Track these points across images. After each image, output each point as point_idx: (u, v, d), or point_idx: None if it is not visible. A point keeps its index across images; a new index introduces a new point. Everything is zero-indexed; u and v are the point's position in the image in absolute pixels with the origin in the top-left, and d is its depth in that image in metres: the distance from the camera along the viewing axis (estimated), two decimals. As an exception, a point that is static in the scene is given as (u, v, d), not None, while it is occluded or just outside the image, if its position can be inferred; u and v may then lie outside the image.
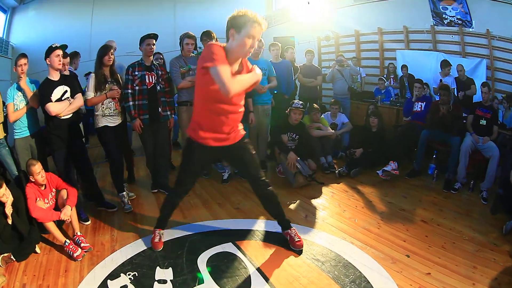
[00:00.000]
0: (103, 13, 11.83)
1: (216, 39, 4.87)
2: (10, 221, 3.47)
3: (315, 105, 5.66)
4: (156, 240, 3.27)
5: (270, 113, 5.18)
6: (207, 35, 4.81)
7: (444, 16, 7.20)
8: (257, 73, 2.68)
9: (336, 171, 5.06)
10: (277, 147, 5.02)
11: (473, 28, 6.90)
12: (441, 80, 6.24)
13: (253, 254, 3.08)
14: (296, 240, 3.13)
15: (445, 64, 6.36)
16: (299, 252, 3.09)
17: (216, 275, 2.82)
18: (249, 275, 2.86)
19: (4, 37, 11.11)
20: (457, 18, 7.03)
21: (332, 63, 7.28)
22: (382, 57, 8.62)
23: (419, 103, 5.60)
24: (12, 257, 3.45)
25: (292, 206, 4.13)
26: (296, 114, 4.91)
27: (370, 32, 8.72)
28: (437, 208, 3.95)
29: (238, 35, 2.50)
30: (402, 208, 3.96)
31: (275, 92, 5.43)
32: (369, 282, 2.69)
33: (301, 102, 5.03)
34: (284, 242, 3.24)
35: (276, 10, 12.76)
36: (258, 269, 2.94)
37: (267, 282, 2.78)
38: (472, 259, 2.89)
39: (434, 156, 4.98)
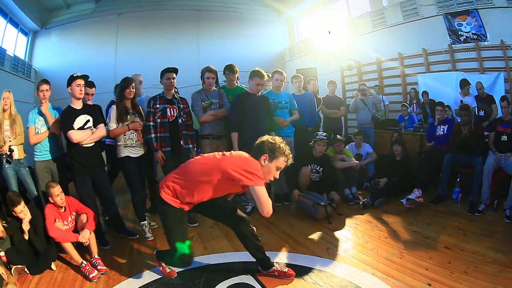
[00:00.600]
0: (127, 43, 12.25)
1: (237, 72, 5.03)
2: (26, 237, 3.69)
3: (339, 136, 5.72)
4: (167, 270, 3.32)
5: (293, 145, 5.20)
6: (229, 69, 4.97)
7: (460, 33, 7.34)
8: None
9: (360, 202, 5.07)
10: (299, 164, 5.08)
11: (488, 41, 7.01)
12: (461, 101, 6.21)
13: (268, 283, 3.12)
14: (285, 270, 3.19)
15: (464, 83, 6.38)
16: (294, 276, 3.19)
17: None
18: None
19: (26, 60, 11.46)
20: (472, 33, 7.16)
21: (354, 93, 7.32)
22: (404, 83, 8.70)
23: (442, 126, 5.58)
24: (26, 269, 3.65)
25: (315, 238, 4.16)
26: (320, 145, 5.02)
27: (391, 58, 8.84)
28: (461, 232, 3.94)
29: (269, 162, 2.79)
30: (426, 236, 3.96)
31: (298, 124, 5.43)
32: None
33: (325, 134, 5.12)
34: (304, 275, 3.27)
35: (298, 41, 13.07)
36: None
37: None
38: (494, 280, 2.87)
39: (458, 179, 4.92)
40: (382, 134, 7.22)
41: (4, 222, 3.80)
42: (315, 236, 4.23)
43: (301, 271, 3.35)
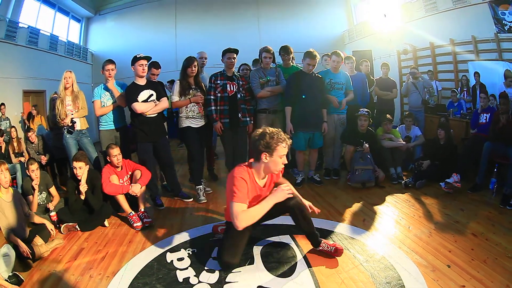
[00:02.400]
0: (187, 25, 13.15)
1: (292, 53, 5.58)
2: (83, 197, 4.39)
3: (388, 116, 6.04)
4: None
5: (346, 122, 5.73)
6: (284, 50, 5.55)
7: (504, 22, 7.36)
8: (278, 195, 3.13)
9: (403, 182, 5.39)
10: (345, 141, 5.60)
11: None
12: (504, 91, 6.13)
13: (305, 246, 3.52)
14: (334, 249, 3.38)
15: (507, 74, 6.50)
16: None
17: (266, 259, 3.32)
18: (296, 263, 3.31)
19: (82, 44, 12.51)
20: None
21: (406, 76, 7.69)
22: (456, 69, 8.86)
23: (484, 114, 5.71)
24: (77, 226, 4.33)
25: (354, 210, 4.61)
26: (362, 120, 5.44)
27: (444, 44, 9.01)
28: (490, 223, 4.02)
29: (270, 157, 3.05)
30: (456, 220, 4.13)
31: (350, 103, 5.85)
32: (403, 286, 2.92)
33: (366, 110, 5.51)
34: (338, 241, 3.70)
35: (357, 23, 13.40)
36: (305, 258, 3.38)
37: (309, 270, 3.19)
38: (509, 278, 2.90)
39: (495, 170, 4.91)
40: (432, 118, 7.46)
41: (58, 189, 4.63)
42: (355, 208, 4.68)
43: (336, 237, 3.82)
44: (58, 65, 10.77)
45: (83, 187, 4.35)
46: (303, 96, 5.16)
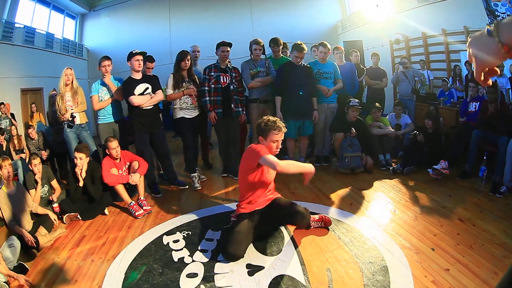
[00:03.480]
0: (181, 19, 13.42)
1: (281, 44, 5.87)
2: (81, 184, 4.73)
3: (377, 104, 6.31)
4: None
5: (336, 111, 6.02)
6: (274, 42, 5.85)
7: (496, 13, 7.42)
8: (309, 167, 3.55)
9: (391, 168, 5.62)
10: (334, 129, 5.87)
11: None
12: (495, 81, 6.17)
13: (292, 228, 3.82)
14: (323, 223, 3.81)
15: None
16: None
17: (256, 239, 3.57)
18: (283, 243, 3.57)
19: (77, 41, 12.80)
20: (507, 15, 7.20)
21: (396, 66, 7.96)
22: (449, 59, 9.03)
23: (474, 103, 5.90)
24: (78, 216, 4.62)
25: (342, 194, 4.87)
26: (353, 111, 5.69)
27: (436, 34, 9.20)
28: (478, 209, 4.09)
29: (265, 141, 3.53)
30: (443, 206, 4.24)
31: (339, 92, 6.15)
32: (386, 266, 3.05)
33: (357, 101, 5.77)
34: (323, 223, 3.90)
35: (350, 14, 13.60)
36: (292, 238, 3.63)
37: (295, 249, 3.44)
38: (496, 264, 2.92)
39: (485, 158, 5.00)
40: (422, 107, 7.63)
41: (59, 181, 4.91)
42: (343, 192, 4.95)
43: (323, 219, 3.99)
44: (54, 62, 11.07)
45: (82, 173, 4.70)
46: (300, 93, 5.47)
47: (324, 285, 2.90)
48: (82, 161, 4.69)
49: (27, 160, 6.02)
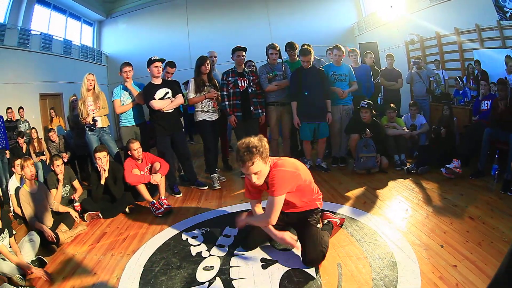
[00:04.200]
0: (198, 24, 13.67)
1: (297, 48, 6.06)
2: (103, 182, 4.98)
3: (392, 105, 6.46)
4: None
5: (351, 112, 6.20)
6: (289, 46, 6.06)
7: (505, 9, 7.44)
8: (280, 237, 3.29)
9: (405, 168, 5.71)
10: (350, 130, 6.00)
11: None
12: (505, 78, 6.27)
13: None
14: (337, 222, 3.85)
15: (507, 61, 6.73)
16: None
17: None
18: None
19: (95, 47, 13.17)
20: None
21: (410, 66, 8.10)
22: (462, 58, 9.08)
23: (486, 101, 5.93)
24: (99, 214, 4.89)
25: (356, 193, 5.03)
26: (363, 112, 5.85)
27: (449, 33, 9.28)
28: (489, 207, 4.11)
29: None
30: (455, 204, 4.28)
31: (355, 94, 6.33)
32: (395, 262, 3.16)
33: (366, 101, 5.90)
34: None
35: (365, 15, 13.77)
36: None
37: None
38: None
39: (497, 156, 4.88)
40: (437, 107, 7.67)
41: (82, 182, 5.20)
42: (358, 192, 5.09)
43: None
44: (73, 68, 11.44)
45: (104, 173, 4.96)
46: (305, 93, 5.63)
47: (334, 278, 3.04)
48: (105, 159, 4.96)
49: (47, 162, 6.42)
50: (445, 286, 2.74)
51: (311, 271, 3.19)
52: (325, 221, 3.84)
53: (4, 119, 6.61)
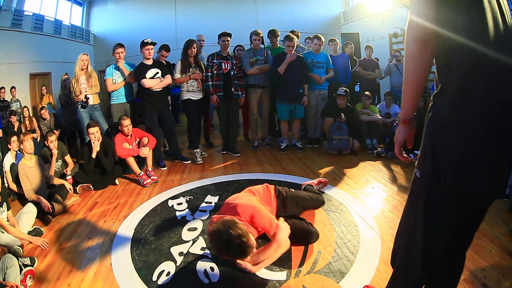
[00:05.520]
0: (186, 6, 13.97)
1: (279, 36, 6.73)
2: (94, 155, 5.45)
3: (367, 93, 6.99)
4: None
5: (326, 97, 6.81)
6: (272, 34, 6.75)
7: None
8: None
9: (375, 151, 6.29)
10: (325, 114, 6.59)
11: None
12: None
13: None
14: (318, 183, 4.49)
15: None
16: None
17: None
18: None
19: (84, 27, 13.58)
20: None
21: (388, 58, 8.67)
22: None
23: None
24: (91, 186, 5.35)
25: (327, 171, 5.57)
26: (340, 99, 6.44)
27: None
28: None
29: None
30: None
31: (333, 81, 6.93)
32: (358, 229, 3.64)
33: (343, 89, 6.46)
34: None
35: (352, 6, 14.18)
36: None
37: None
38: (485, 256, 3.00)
39: None
40: None
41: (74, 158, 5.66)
42: (328, 169, 5.63)
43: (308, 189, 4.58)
44: (62, 48, 11.81)
45: (96, 146, 5.43)
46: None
47: None
48: (98, 134, 5.44)
49: (38, 140, 6.85)
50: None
51: None
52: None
53: None
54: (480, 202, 1.77)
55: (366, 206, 4.22)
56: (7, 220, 3.88)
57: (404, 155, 1.94)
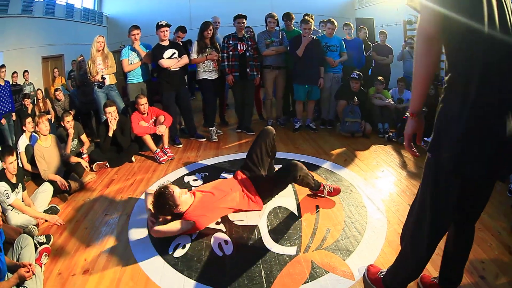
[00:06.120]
0: None
1: (294, 19, 6.88)
2: (111, 134, 5.58)
3: (380, 78, 7.12)
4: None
5: (340, 80, 6.99)
6: (286, 17, 6.90)
7: None
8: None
9: (386, 136, 6.34)
10: (339, 97, 6.80)
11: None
12: None
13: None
14: (330, 190, 4.13)
15: None
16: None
17: None
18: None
19: (96, 9, 13.73)
20: None
21: (402, 44, 8.78)
22: None
23: None
24: (107, 164, 5.53)
25: (338, 152, 5.74)
26: (353, 83, 6.61)
27: None
28: None
29: None
30: None
31: (346, 65, 7.07)
32: (366, 210, 3.81)
33: (357, 73, 6.62)
34: (320, 172, 4.85)
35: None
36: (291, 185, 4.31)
37: (293, 190, 4.31)
38: (484, 247, 3.09)
39: None
40: None
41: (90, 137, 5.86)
42: (340, 151, 5.80)
43: (320, 170, 4.95)
44: (75, 30, 11.93)
45: (113, 125, 5.57)
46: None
47: (312, 217, 3.75)
48: (114, 113, 5.59)
49: (52, 121, 7.06)
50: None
51: (294, 209, 3.93)
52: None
53: (10, 83, 7.12)
54: (478, 180, 1.99)
55: (375, 189, 4.38)
56: (22, 201, 4.01)
57: (413, 149, 2.11)
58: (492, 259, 2.94)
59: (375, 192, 4.26)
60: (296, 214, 3.85)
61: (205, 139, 6.52)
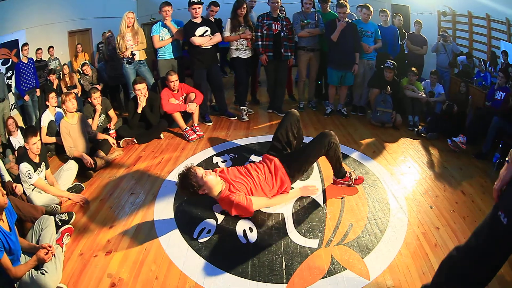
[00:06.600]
0: None
1: (330, 1, 6.81)
2: (139, 110, 5.61)
3: (413, 69, 7.02)
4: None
5: (374, 67, 6.95)
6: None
7: None
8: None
9: (416, 130, 6.27)
10: (372, 84, 6.77)
11: None
12: None
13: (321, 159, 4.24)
14: (353, 181, 4.22)
15: None
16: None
17: None
18: (312, 173, 4.45)
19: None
20: None
21: (437, 37, 8.68)
22: (489, 44, 9.08)
23: (500, 92, 6.18)
24: (134, 140, 5.60)
25: (368, 142, 5.74)
26: (387, 72, 6.56)
27: (480, 16, 9.32)
28: (482, 189, 4.33)
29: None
30: (452, 175, 4.67)
31: (381, 51, 7.04)
32: (389, 207, 3.82)
33: (391, 62, 6.57)
34: (348, 162, 4.89)
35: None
36: (320, 171, 4.51)
37: (321, 180, 4.37)
38: None
39: (500, 146, 5.20)
40: (457, 81, 8.01)
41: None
42: (369, 140, 5.79)
43: (348, 160, 4.98)
44: (102, 4, 12.03)
45: (142, 102, 5.60)
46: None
47: (337, 209, 3.80)
48: (144, 90, 5.61)
49: (79, 95, 7.15)
50: (426, 242, 3.30)
51: (320, 199, 3.98)
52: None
53: (34, 59, 7.13)
54: None
55: (400, 185, 4.38)
56: (45, 179, 4.09)
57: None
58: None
59: (399, 189, 4.27)
60: (321, 205, 3.91)
61: (235, 118, 6.55)
